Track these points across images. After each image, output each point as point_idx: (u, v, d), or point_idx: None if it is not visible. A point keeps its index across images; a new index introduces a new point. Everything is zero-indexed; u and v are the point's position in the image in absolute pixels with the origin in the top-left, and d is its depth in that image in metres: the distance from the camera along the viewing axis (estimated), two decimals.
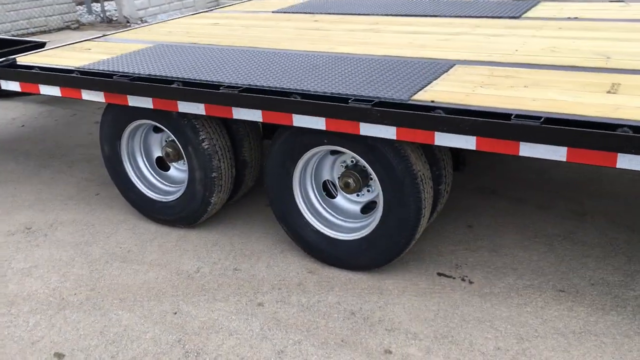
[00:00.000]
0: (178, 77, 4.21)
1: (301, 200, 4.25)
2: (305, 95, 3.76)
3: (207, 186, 4.53)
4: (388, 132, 3.53)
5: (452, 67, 4.08)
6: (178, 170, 5.02)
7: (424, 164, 3.82)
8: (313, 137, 3.93)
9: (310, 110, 3.70)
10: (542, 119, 3.09)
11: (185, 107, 4.18)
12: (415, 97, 3.54)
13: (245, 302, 3.95)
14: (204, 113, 4.12)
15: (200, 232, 4.84)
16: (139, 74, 4.37)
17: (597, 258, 4.23)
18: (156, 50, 5.08)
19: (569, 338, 3.47)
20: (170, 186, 4.95)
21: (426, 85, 3.72)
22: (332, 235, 4.19)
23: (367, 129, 3.59)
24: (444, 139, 3.39)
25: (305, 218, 4.25)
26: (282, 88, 3.83)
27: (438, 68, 4.06)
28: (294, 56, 4.57)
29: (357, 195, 4.26)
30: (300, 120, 3.79)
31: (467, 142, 3.33)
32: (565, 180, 5.40)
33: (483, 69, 4.00)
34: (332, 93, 3.69)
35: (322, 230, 4.22)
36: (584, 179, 5.40)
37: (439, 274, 4.15)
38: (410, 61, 4.26)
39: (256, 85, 3.92)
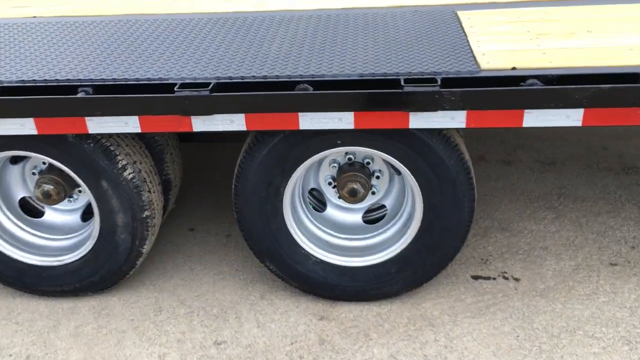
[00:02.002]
0: (82, 80, 2.59)
1: (294, 225, 3.03)
2: (319, 83, 2.52)
3: (136, 232, 3.03)
4: (454, 119, 2.51)
5: (456, 15, 3.13)
6: (61, 213, 3.35)
7: (467, 153, 2.89)
8: (321, 140, 2.72)
9: (334, 103, 2.49)
10: None
11: (102, 125, 2.61)
12: (484, 65, 2.55)
13: None
14: (138, 130, 2.61)
15: (123, 295, 3.32)
16: (2, 82, 2.62)
17: (610, 214, 3.77)
18: None
19: None
20: (60, 239, 3.28)
21: (466, 47, 2.73)
22: (344, 264, 3.07)
23: (421, 120, 2.52)
24: (535, 118, 2.49)
25: (303, 249, 3.05)
26: (282, 77, 2.53)
27: (445, 19, 3.07)
28: (239, 23, 3.15)
29: None
30: (311, 121, 2.55)
31: (570, 118, 2.48)
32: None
33: (500, 14, 3.13)
34: (363, 75, 2.51)
35: (329, 260, 3.07)
36: None
37: (474, 278, 3.33)
38: (395, 13, 3.19)
39: (237, 78, 2.54)
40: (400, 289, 3.10)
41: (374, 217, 3.27)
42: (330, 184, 3.12)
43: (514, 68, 2.50)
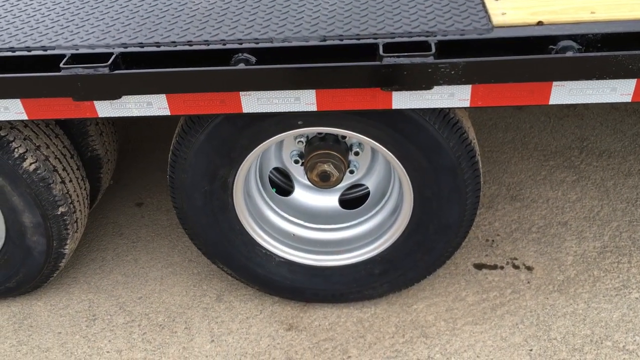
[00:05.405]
0: None
1: (251, 219, 2.39)
2: (265, 52, 1.79)
3: (51, 232, 2.40)
4: (454, 96, 1.81)
5: None
6: None
7: (472, 129, 2.20)
8: (277, 121, 2.03)
9: (287, 80, 1.78)
10: None
11: None
12: (498, 20, 1.81)
13: None
14: (24, 117, 1.92)
15: (51, 298, 2.73)
16: None
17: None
18: None
19: None
20: None
21: None
22: (316, 264, 2.47)
23: (409, 99, 1.82)
24: (568, 93, 1.79)
25: (264, 248, 2.43)
26: (213, 43, 1.80)
27: None
28: None
29: None
30: (258, 102, 1.85)
31: (616, 92, 1.78)
32: None
33: None
34: (326, 39, 1.78)
35: (298, 260, 2.46)
36: None
37: (478, 267, 2.73)
38: None
39: (149, 45, 1.81)
40: (383, 293, 2.51)
41: (352, 197, 2.64)
42: (297, 162, 2.45)
43: (540, 23, 1.77)
